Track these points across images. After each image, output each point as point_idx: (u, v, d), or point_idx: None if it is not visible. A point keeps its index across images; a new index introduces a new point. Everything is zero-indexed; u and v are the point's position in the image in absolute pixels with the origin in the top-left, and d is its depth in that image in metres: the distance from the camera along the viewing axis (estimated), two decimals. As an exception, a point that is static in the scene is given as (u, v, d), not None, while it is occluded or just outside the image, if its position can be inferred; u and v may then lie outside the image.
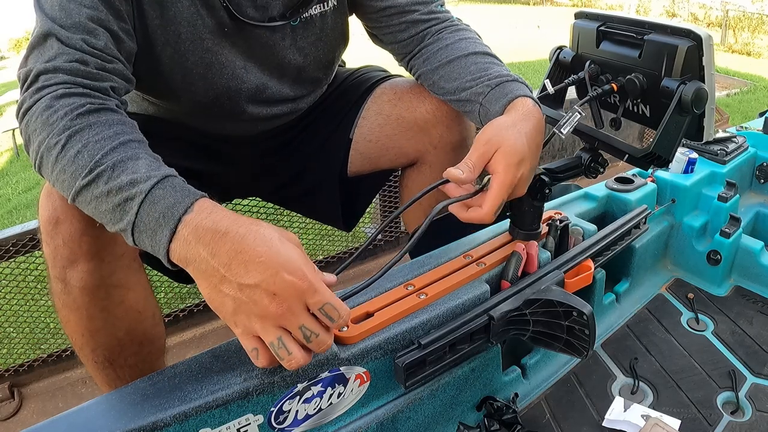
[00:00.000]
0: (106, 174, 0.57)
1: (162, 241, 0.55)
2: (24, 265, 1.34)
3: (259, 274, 0.52)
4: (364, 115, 0.98)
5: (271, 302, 0.53)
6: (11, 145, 5.34)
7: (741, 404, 0.93)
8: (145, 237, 0.57)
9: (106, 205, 0.58)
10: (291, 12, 0.80)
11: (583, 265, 0.92)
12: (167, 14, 0.72)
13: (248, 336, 0.56)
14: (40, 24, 0.64)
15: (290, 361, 0.55)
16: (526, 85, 0.81)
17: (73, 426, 0.57)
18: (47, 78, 0.62)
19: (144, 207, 0.56)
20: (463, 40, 0.87)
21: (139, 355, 0.82)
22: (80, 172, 0.58)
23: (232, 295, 0.53)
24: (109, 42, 0.66)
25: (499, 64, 0.85)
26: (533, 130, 0.73)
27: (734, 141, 1.45)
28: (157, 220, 0.55)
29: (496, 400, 0.87)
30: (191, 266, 0.55)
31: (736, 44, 10.96)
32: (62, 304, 0.74)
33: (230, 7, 0.75)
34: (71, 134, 0.59)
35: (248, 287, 0.53)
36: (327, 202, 1.04)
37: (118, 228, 0.58)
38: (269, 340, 0.54)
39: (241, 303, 0.54)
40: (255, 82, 0.84)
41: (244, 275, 0.53)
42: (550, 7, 19.53)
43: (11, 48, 13.68)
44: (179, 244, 0.55)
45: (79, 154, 0.58)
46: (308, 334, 0.55)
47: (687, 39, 0.79)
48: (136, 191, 0.56)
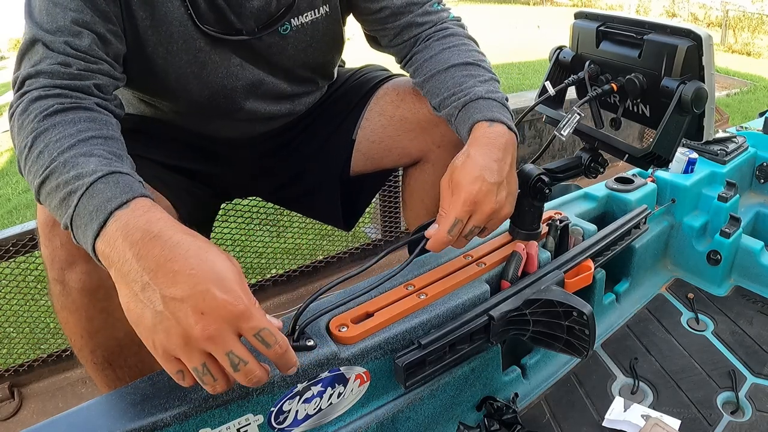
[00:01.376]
0: (57, 170, 0.56)
1: (89, 235, 0.51)
2: (24, 265, 1.34)
3: (188, 288, 0.47)
4: (367, 116, 0.98)
5: (198, 322, 0.47)
6: (11, 145, 5.34)
7: (741, 404, 0.92)
8: (80, 232, 0.53)
9: (55, 201, 0.56)
10: (263, 26, 0.80)
11: (583, 265, 0.92)
12: (157, 14, 0.72)
13: (169, 358, 0.49)
14: (28, 30, 0.65)
15: (214, 387, 0.50)
16: (495, 99, 0.78)
17: (73, 426, 0.57)
18: (30, 83, 0.63)
19: (83, 200, 0.53)
20: (447, 49, 0.85)
21: (139, 356, 0.81)
22: (39, 171, 0.58)
23: (153, 307, 0.48)
24: (94, 43, 0.66)
25: (476, 76, 0.82)
26: (492, 150, 0.72)
27: (734, 141, 1.45)
28: (91, 213, 0.52)
29: (496, 400, 0.87)
30: (113, 267, 0.50)
31: (736, 44, 10.96)
32: (61, 305, 0.74)
33: (204, 26, 0.74)
34: (36, 135, 0.59)
35: (173, 301, 0.47)
36: (327, 202, 1.04)
37: (63, 223, 0.56)
38: (192, 365, 0.49)
39: (162, 318, 0.47)
40: (251, 78, 0.84)
41: (170, 286, 0.47)
42: (550, 7, 19.53)
43: (11, 48, 13.69)
44: (105, 239, 0.51)
45: (41, 154, 0.58)
46: (236, 362, 0.48)
47: (687, 39, 0.79)
48: (79, 184, 0.54)
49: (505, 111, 0.78)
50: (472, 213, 0.68)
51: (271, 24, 0.80)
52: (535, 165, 0.88)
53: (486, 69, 0.84)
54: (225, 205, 1.41)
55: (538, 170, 0.87)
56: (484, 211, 0.69)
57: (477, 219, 0.69)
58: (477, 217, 0.69)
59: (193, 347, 0.48)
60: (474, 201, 0.68)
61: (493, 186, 0.69)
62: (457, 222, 0.68)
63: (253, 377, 0.50)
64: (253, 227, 1.73)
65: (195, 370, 0.49)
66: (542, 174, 0.86)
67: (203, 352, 0.48)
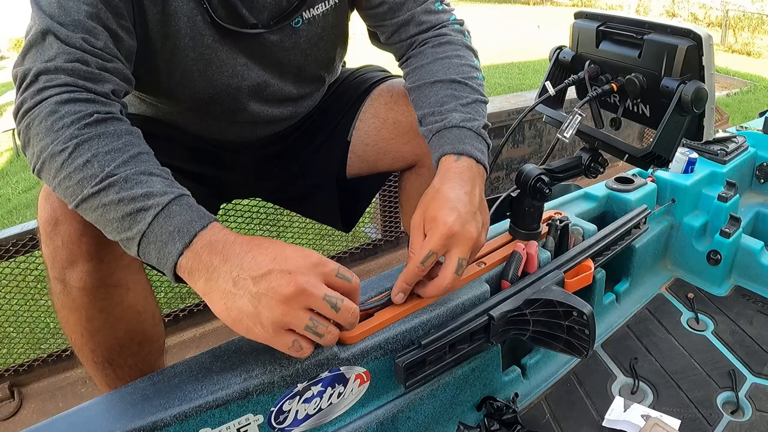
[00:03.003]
0: (118, 185, 0.58)
1: (172, 253, 0.56)
2: (24, 265, 1.34)
3: (269, 260, 0.54)
4: (361, 117, 0.98)
5: (290, 282, 0.53)
6: (11, 144, 5.33)
7: (741, 404, 0.92)
8: (153, 248, 0.57)
9: (114, 214, 0.58)
10: (278, 20, 0.79)
11: (583, 265, 0.92)
12: (168, 9, 0.71)
13: (280, 332, 0.55)
14: (38, 21, 0.63)
15: (328, 336, 0.56)
16: (469, 128, 0.77)
17: (73, 426, 0.57)
18: (49, 79, 0.61)
19: (158, 219, 0.57)
20: (438, 60, 0.84)
21: (139, 355, 0.81)
22: (89, 181, 0.58)
23: (249, 292, 0.54)
24: (109, 41, 0.66)
25: (458, 97, 0.80)
26: (460, 183, 0.72)
27: (734, 141, 1.45)
28: (171, 233, 0.57)
29: (496, 400, 0.87)
30: (201, 278, 0.56)
31: (736, 44, 10.95)
32: (61, 304, 0.74)
33: (218, 20, 0.74)
34: (79, 143, 0.59)
35: (262, 278, 0.54)
36: (326, 203, 1.03)
37: (123, 236, 0.58)
38: (303, 323, 0.54)
39: (260, 296, 0.54)
40: (256, 80, 0.83)
41: (256, 267, 0.54)
42: (550, 7, 19.53)
43: (11, 48, 13.69)
44: (191, 256, 0.56)
45: (89, 163, 0.58)
46: (334, 302, 0.55)
47: (687, 39, 0.79)
48: (152, 203, 0.57)
49: (478, 141, 0.77)
50: (449, 246, 0.67)
51: (286, 17, 0.79)
52: (535, 165, 0.88)
53: (472, 88, 0.82)
54: (225, 205, 1.41)
55: (538, 170, 0.87)
56: (464, 242, 0.68)
57: (461, 251, 0.68)
58: (461, 249, 0.68)
59: (295, 306, 0.54)
60: (451, 232, 0.67)
61: (468, 215, 0.68)
62: (431, 254, 0.67)
63: (350, 315, 0.57)
64: (253, 227, 1.73)
65: (307, 328, 0.55)
66: (542, 174, 0.86)
67: (305, 308, 0.55)
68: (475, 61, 0.86)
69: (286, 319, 0.54)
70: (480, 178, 0.74)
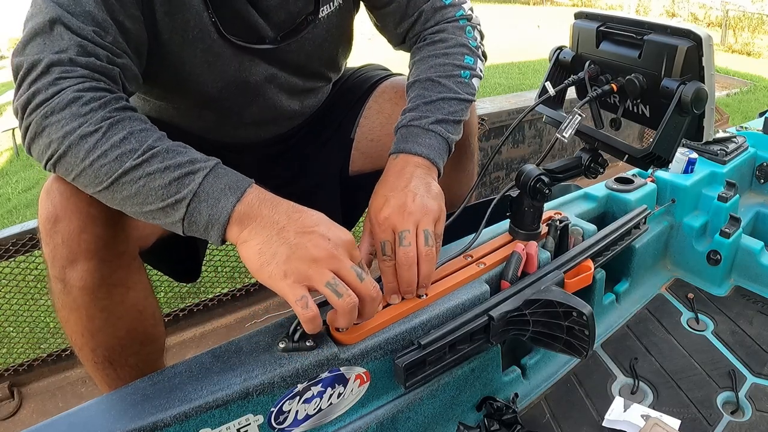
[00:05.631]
0: (161, 155, 0.61)
1: (226, 207, 0.60)
2: (24, 265, 1.34)
3: (314, 222, 0.61)
4: (365, 114, 0.98)
5: (326, 246, 0.59)
6: (11, 144, 5.33)
7: (741, 404, 0.93)
8: (204, 206, 0.60)
9: (160, 181, 0.60)
10: (284, 35, 0.80)
11: (583, 265, 0.92)
12: (174, 1, 0.71)
13: (298, 284, 0.58)
14: (46, 9, 0.61)
15: (347, 299, 0.58)
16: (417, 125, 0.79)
17: (73, 426, 0.57)
18: (64, 70, 0.60)
19: (208, 179, 0.61)
20: (427, 58, 0.85)
21: (140, 355, 0.81)
22: (129, 155, 0.60)
23: (289, 241, 0.58)
24: (118, 35, 0.65)
25: (425, 96, 0.81)
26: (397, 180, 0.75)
27: (734, 141, 1.45)
28: (222, 189, 0.61)
29: (496, 400, 0.87)
30: (253, 222, 0.60)
31: (736, 44, 10.95)
32: (62, 304, 0.74)
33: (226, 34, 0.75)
34: (112, 123, 0.60)
35: (305, 233, 0.59)
36: (327, 201, 1.04)
37: (169, 201, 0.60)
38: (326, 279, 0.58)
39: (297, 247, 0.58)
40: (263, 73, 0.84)
41: (302, 223, 0.60)
42: (550, 7, 19.53)
43: (11, 48, 13.68)
44: (244, 206, 0.61)
45: (126, 139, 0.60)
46: (360, 272, 0.60)
47: (687, 39, 0.79)
48: (199, 167, 0.61)
49: (426, 137, 0.78)
50: (396, 228, 0.70)
51: (295, 32, 0.81)
52: (534, 165, 0.88)
53: (444, 86, 0.82)
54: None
55: (538, 170, 0.87)
56: (408, 216, 0.70)
57: (405, 223, 0.70)
58: (409, 223, 0.70)
59: (323, 265, 0.58)
60: (384, 218, 0.71)
61: (400, 197, 0.72)
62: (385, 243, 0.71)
63: (373, 288, 0.61)
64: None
65: (328, 284, 0.58)
66: (542, 174, 0.86)
67: (331, 270, 0.59)
68: (466, 59, 0.86)
69: (310, 272, 0.58)
70: (422, 168, 0.77)
